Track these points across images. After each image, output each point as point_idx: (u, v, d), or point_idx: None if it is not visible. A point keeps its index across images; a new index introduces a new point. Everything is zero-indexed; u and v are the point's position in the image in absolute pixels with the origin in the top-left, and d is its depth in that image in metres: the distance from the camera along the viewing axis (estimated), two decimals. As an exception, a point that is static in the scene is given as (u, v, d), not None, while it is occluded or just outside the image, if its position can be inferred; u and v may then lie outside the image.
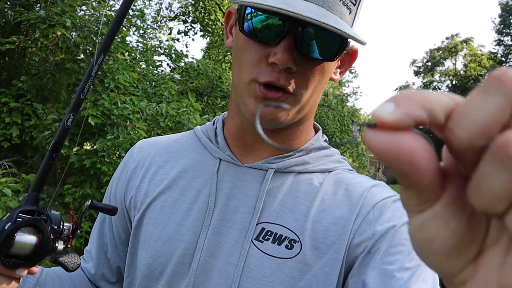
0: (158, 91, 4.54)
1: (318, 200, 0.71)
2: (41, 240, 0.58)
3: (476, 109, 0.21)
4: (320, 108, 8.19)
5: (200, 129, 0.85)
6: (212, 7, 9.55)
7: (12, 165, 3.75)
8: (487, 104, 0.20)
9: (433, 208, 0.24)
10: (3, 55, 4.47)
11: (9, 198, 3.08)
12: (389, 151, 0.21)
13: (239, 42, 0.68)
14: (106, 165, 3.43)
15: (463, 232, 0.24)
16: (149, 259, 0.74)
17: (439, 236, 0.24)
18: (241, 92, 0.69)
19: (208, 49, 10.67)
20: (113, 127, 3.63)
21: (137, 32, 5.59)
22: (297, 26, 0.62)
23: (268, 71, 0.64)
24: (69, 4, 3.82)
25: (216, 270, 0.69)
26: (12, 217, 0.57)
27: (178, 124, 3.84)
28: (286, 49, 0.62)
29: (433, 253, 0.24)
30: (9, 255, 0.57)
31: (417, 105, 0.22)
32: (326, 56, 0.66)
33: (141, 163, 0.83)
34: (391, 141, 0.21)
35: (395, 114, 0.21)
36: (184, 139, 0.85)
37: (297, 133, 0.76)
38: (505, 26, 36.82)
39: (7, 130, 3.74)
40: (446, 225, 0.23)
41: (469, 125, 0.21)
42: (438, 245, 0.24)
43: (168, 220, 0.74)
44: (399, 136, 0.21)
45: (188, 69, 5.84)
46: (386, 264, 0.61)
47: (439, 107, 0.22)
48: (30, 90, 3.92)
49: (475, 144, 0.21)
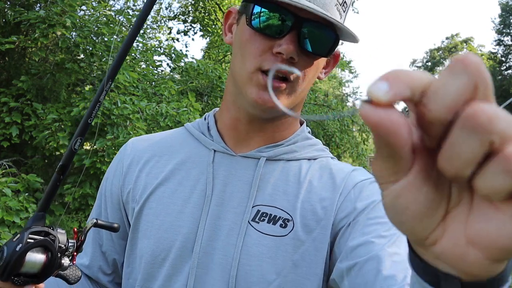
0: (158, 91, 4.54)
1: (306, 183, 0.79)
2: (50, 259, 0.61)
3: (446, 88, 0.25)
4: (320, 108, 8.19)
5: (191, 125, 0.90)
6: (212, 7, 9.55)
7: (12, 165, 3.75)
8: (455, 84, 0.25)
9: (407, 178, 0.28)
10: (3, 55, 4.47)
11: (9, 198, 3.07)
12: (383, 123, 0.25)
13: (244, 36, 0.74)
14: (106, 165, 3.42)
15: (432, 196, 0.28)
16: (152, 246, 0.78)
17: (413, 202, 0.28)
18: (243, 82, 0.74)
19: (208, 49, 10.67)
20: (113, 127, 3.63)
21: (137, 32, 5.58)
22: (301, 23, 0.70)
23: (272, 59, 0.71)
24: (69, 4, 3.82)
25: (217, 251, 0.75)
26: (23, 239, 0.59)
27: (178, 124, 3.84)
28: (291, 41, 0.69)
29: (409, 218, 0.28)
30: (19, 274, 0.59)
31: (405, 86, 0.25)
32: (321, 52, 0.74)
33: (136, 159, 0.87)
34: (385, 115, 0.25)
35: (389, 94, 0.25)
36: (177, 135, 0.90)
37: (286, 124, 0.83)
38: (505, 26, 36.81)
39: (7, 130, 3.74)
40: (419, 191, 0.28)
41: (441, 101, 0.25)
42: (413, 210, 0.28)
43: (168, 209, 0.79)
44: (390, 111, 0.25)
45: (188, 69, 5.83)
46: (365, 234, 0.69)
47: (420, 87, 0.26)
48: (30, 90, 3.92)
49: (445, 118, 0.25)
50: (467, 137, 0.24)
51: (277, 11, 0.70)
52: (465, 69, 0.25)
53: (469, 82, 0.24)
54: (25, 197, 3.24)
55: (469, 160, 0.25)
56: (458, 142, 0.25)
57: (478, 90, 0.25)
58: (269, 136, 0.82)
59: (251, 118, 0.79)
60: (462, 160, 0.25)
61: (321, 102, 8.74)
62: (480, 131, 0.24)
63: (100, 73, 4.08)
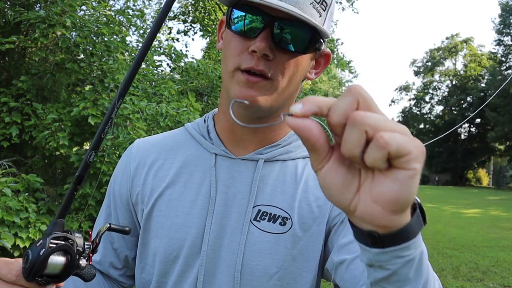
0: (158, 91, 4.53)
1: (302, 183, 0.86)
2: (69, 261, 0.68)
3: (340, 104, 0.40)
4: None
5: (191, 126, 0.95)
6: (212, 7, 9.55)
7: (12, 165, 3.75)
8: (345, 101, 0.40)
9: (328, 164, 0.43)
10: (3, 55, 4.47)
11: (9, 198, 3.07)
12: (301, 127, 0.41)
13: (226, 39, 0.81)
14: (106, 165, 3.42)
15: (347, 175, 0.43)
16: (164, 246, 0.85)
17: (335, 180, 0.43)
18: (226, 81, 0.80)
19: (208, 49, 10.67)
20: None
21: (137, 32, 5.58)
22: (273, 22, 0.74)
23: (248, 58, 0.75)
24: (69, 4, 3.82)
25: (223, 249, 0.83)
26: (45, 244, 0.66)
27: (178, 124, 3.83)
28: (263, 38, 0.74)
29: (334, 192, 0.44)
30: (42, 275, 0.66)
31: (313, 105, 0.41)
32: (298, 49, 0.77)
33: (142, 162, 0.93)
34: (300, 121, 0.41)
35: (302, 109, 0.41)
36: (178, 137, 0.95)
37: (278, 124, 0.88)
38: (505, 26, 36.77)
39: (7, 129, 3.73)
40: (337, 172, 0.43)
41: (338, 112, 0.40)
42: (336, 185, 0.43)
43: (177, 211, 0.86)
44: (303, 119, 0.41)
45: (188, 69, 5.83)
46: None
47: (325, 105, 0.41)
48: (30, 90, 3.92)
49: (340, 121, 0.40)
50: (351, 129, 0.39)
51: (250, 12, 0.75)
52: (350, 92, 0.41)
53: (353, 99, 0.40)
54: (25, 197, 3.24)
55: (355, 143, 0.39)
56: (347, 133, 0.40)
57: (360, 103, 0.40)
58: (264, 136, 0.88)
59: (243, 119, 0.83)
60: (351, 144, 0.39)
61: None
62: (357, 125, 0.39)
63: (100, 73, 4.08)
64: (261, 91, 0.77)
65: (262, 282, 0.81)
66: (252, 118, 0.83)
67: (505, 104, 32.43)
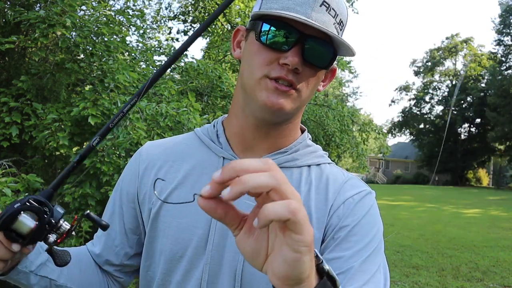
0: (158, 91, 4.53)
1: (305, 192, 0.89)
2: (38, 227, 0.69)
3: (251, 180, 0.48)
4: (320, 108, 8.18)
5: (201, 131, 0.99)
6: (212, 7, 9.54)
7: (11, 165, 3.75)
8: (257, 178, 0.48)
9: (240, 234, 0.53)
10: (3, 55, 4.47)
11: (9, 198, 3.07)
12: (206, 209, 0.51)
13: (253, 49, 0.85)
14: (105, 165, 3.41)
15: (255, 244, 0.52)
16: (170, 245, 0.89)
17: (245, 248, 0.53)
18: (252, 88, 0.84)
19: (208, 49, 10.65)
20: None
21: (137, 32, 5.58)
22: (305, 38, 0.80)
23: (278, 68, 0.81)
24: (69, 4, 3.81)
25: (227, 249, 0.86)
26: (23, 200, 0.69)
27: (178, 124, 3.83)
28: (296, 53, 0.79)
29: (247, 258, 0.53)
30: (11, 229, 0.68)
31: (219, 188, 0.49)
32: (322, 65, 0.85)
33: (152, 164, 0.97)
34: (206, 203, 0.51)
35: (208, 192, 0.50)
36: (188, 141, 0.99)
37: (287, 131, 0.93)
38: (505, 26, 36.77)
39: (7, 129, 3.73)
40: (246, 242, 0.53)
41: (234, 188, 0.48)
42: (247, 253, 0.53)
43: (184, 211, 0.89)
44: (208, 201, 0.50)
45: (188, 69, 5.83)
46: (343, 250, 0.82)
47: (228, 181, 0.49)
48: (30, 90, 3.91)
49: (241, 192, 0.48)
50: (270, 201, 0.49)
51: (283, 28, 0.80)
52: (230, 170, 0.49)
53: (234, 173, 0.48)
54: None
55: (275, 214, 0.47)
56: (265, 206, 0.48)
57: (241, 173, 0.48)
58: (273, 142, 0.91)
59: (258, 124, 0.88)
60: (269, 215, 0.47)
61: (321, 102, 8.72)
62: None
63: (100, 73, 4.07)
64: (289, 99, 0.83)
65: (262, 283, 0.83)
66: (271, 123, 0.88)
67: (505, 104, 32.42)
